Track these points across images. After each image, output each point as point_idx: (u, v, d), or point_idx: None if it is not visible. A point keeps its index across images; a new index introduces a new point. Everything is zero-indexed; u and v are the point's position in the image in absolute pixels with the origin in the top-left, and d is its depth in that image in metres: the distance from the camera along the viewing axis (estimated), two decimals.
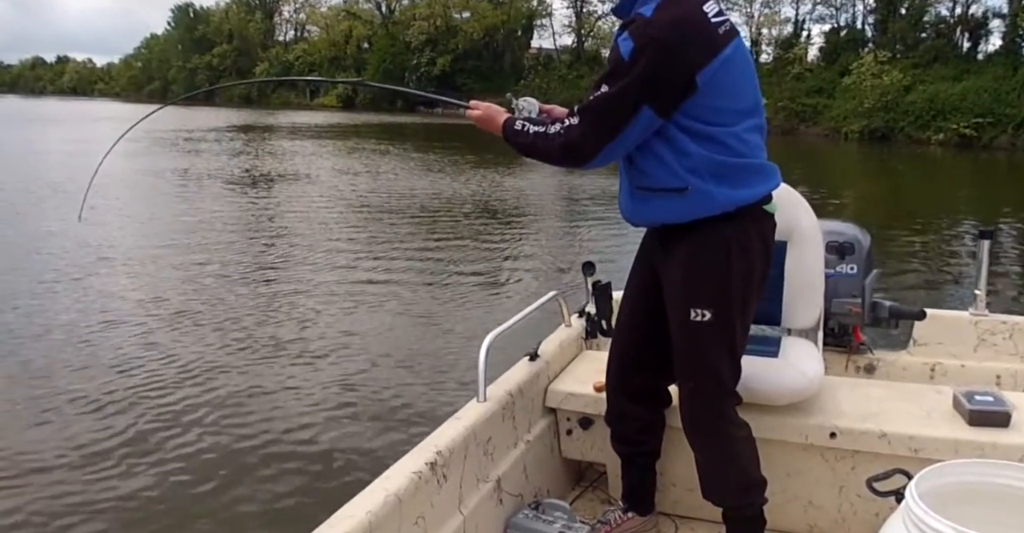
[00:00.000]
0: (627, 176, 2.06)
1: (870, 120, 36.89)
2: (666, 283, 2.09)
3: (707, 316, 1.98)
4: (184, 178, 15.91)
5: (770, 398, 2.31)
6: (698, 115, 1.89)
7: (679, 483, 2.45)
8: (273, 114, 51.48)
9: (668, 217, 2.01)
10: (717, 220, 1.95)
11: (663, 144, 1.92)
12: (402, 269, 8.11)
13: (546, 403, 2.59)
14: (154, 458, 3.94)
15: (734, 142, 1.93)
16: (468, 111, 2.17)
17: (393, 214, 11.64)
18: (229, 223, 10.83)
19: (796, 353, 2.42)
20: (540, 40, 64.82)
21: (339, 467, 3.89)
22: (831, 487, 2.33)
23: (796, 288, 2.50)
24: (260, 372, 5.16)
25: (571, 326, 2.95)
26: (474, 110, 2.15)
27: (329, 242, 9.64)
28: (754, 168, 1.99)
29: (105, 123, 31.32)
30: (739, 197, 1.95)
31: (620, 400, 2.32)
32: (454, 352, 5.51)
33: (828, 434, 2.28)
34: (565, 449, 2.66)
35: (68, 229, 9.79)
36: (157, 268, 7.99)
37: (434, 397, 4.76)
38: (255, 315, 6.43)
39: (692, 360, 2.06)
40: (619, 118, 1.86)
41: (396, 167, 18.44)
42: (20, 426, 4.29)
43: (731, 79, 1.91)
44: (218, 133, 30.51)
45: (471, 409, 2.19)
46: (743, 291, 2.01)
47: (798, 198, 2.52)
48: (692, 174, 1.92)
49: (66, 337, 5.75)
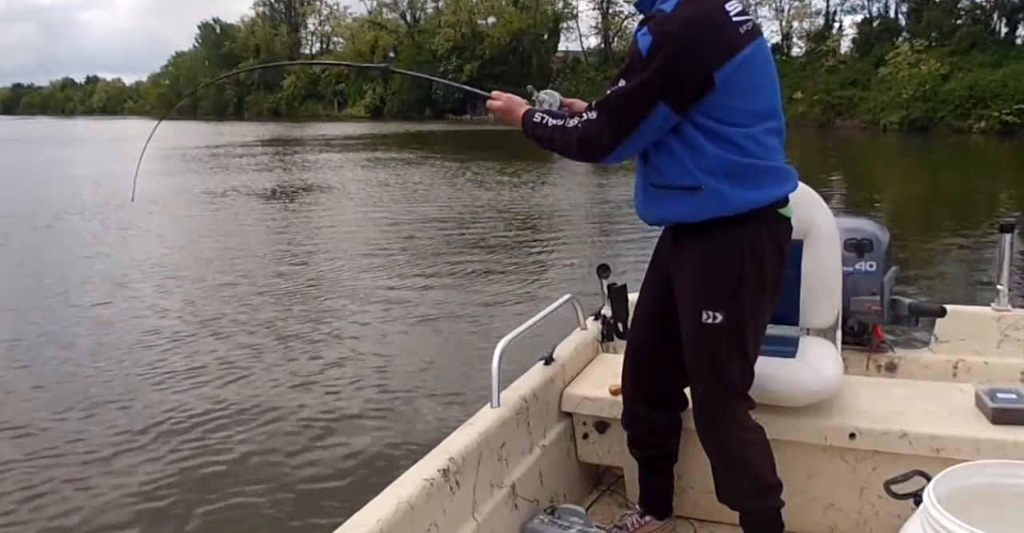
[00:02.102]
0: (642, 173, 2.06)
1: (908, 111, 36.24)
2: (678, 284, 2.09)
3: (718, 318, 1.97)
4: (214, 192, 16.15)
5: (788, 399, 2.29)
6: (714, 114, 1.88)
7: (697, 486, 2.43)
8: (301, 127, 52.13)
9: (680, 215, 2.01)
10: (730, 221, 1.94)
11: (678, 142, 1.92)
12: (422, 275, 8.20)
13: (561, 407, 2.59)
14: (167, 458, 4.05)
15: (749, 143, 1.92)
16: (489, 102, 2.19)
17: (418, 223, 11.70)
18: (259, 233, 11.02)
19: (814, 353, 2.39)
20: (567, 43, 64.98)
21: (352, 473, 3.92)
22: (851, 489, 2.30)
23: (813, 287, 2.47)
24: (280, 373, 5.27)
25: (587, 329, 2.95)
26: (495, 100, 2.18)
27: (355, 248, 9.78)
28: (769, 170, 1.97)
29: (139, 141, 31.99)
30: (752, 199, 1.93)
31: (636, 402, 2.32)
32: (470, 356, 5.54)
33: (848, 435, 2.25)
34: (581, 453, 2.65)
35: (104, 245, 10.05)
36: (189, 274, 8.21)
37: (449, 402, 4.78)
38: (280, 319, 6.58)
39: (703, 362, 2.05)
40: (636, 113, 1.86)
41: (424, 177, 18.52)
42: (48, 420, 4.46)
43: (750, 79, 1.90)
44: (248, 148, 30.96)
45: (485, 415, 2.20)
46: (755, 294, 1.99)
47: (814, 196, 2.49)
48: (706, 173, 1.91)
49: (101, 342, 5.95)
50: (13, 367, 5.53)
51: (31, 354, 5.79)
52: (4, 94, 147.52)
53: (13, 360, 5.69)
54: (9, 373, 5.41)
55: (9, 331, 6.36)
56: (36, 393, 5.03)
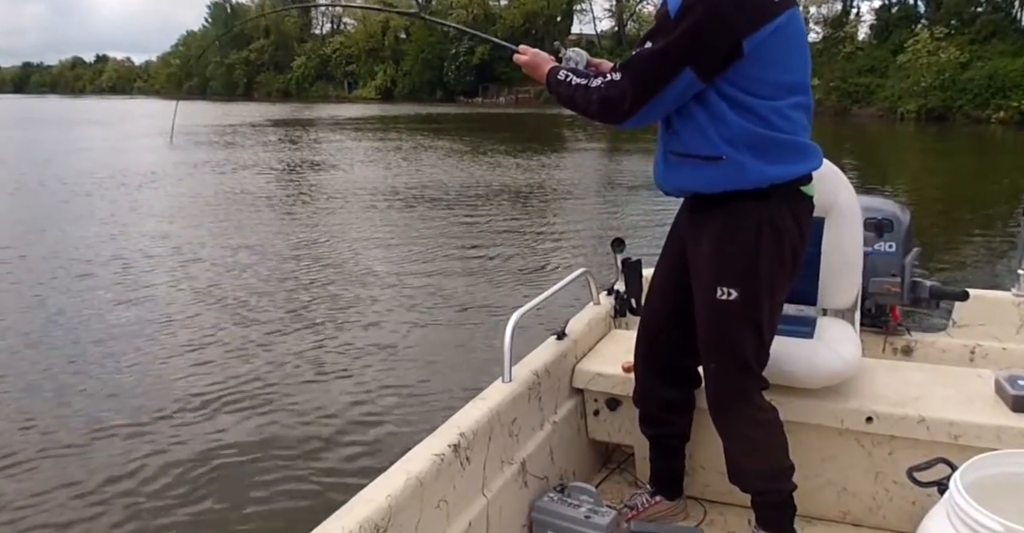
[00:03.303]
0: (663, 140, 2.02)
1: (926, 99, 35.83)
2: (693, 258, 2.04)
3: (733, 295, 1.93)
4: (223, 173, 16.13)
5: (804, 381, 2.24)
6: (741, 84, 1.83)
7: (708, 466, 2.40)
8: (311, 108, 52.02)
9: (698, 185, 1.96)
10: (749, 196, 1.89)
11: (701, 110, 1.87)
12: (435, 252, 8.18)
13: (573, 384, 2.56)
14: (185, 434, 4.05)
15: (775, 117, 1.86)
16: (516, 56, 2.17)
17: (430, 202, 11.69)
18: (269, 212, 10.99)
19: (832, 334, 2.34)
20: (580, 26, 64.53)
21: (361, 448, 3.92)
22: (866, 473, 2.26)
23: (833, 266, 2.41)
24: (288, 350, 5.27)
25: (600, 304, 2.91)
26: (522, 55, 2.16)
27: (366, 227, 9.77)
28: (793, 146, 1.91)
29: (146, 120, 31.88)
30: (774, 174, 1.88)
31: (648, 379, 2.28)
32: (483, 330, 5.53)
33: (864, 418, 2.21)
34: (592, 430, 2.62)
35: (118, 225, 10.05)
36: (197, 257, 8.16)
37: (461, 375, 4.77)
38: (289, 295, 6.59)
39: (716, 339, 2.01)
40: (660, 77, 1.81)
41: (435, 158, 18.45)
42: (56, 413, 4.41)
43: (780, 50, 1.84)
44: (258, 128, 30.91)
45: (496, 389, 2.16)
46: (772, 271, 1.95)
47: (836, 173, 2.42)
48: (727, 144, 1.86)
49: (107, 317, 5.92)
50: (26, 345, 5.54)
51: (37, 337, 5.78)
52: (14, 73, 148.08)
53: (27, 337, 5.70)
54: (24, 351, 5.42)
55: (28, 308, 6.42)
56: (38, 378, 5.02)
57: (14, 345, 5.48)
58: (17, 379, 4.89)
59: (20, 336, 5.68)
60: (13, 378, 4.91)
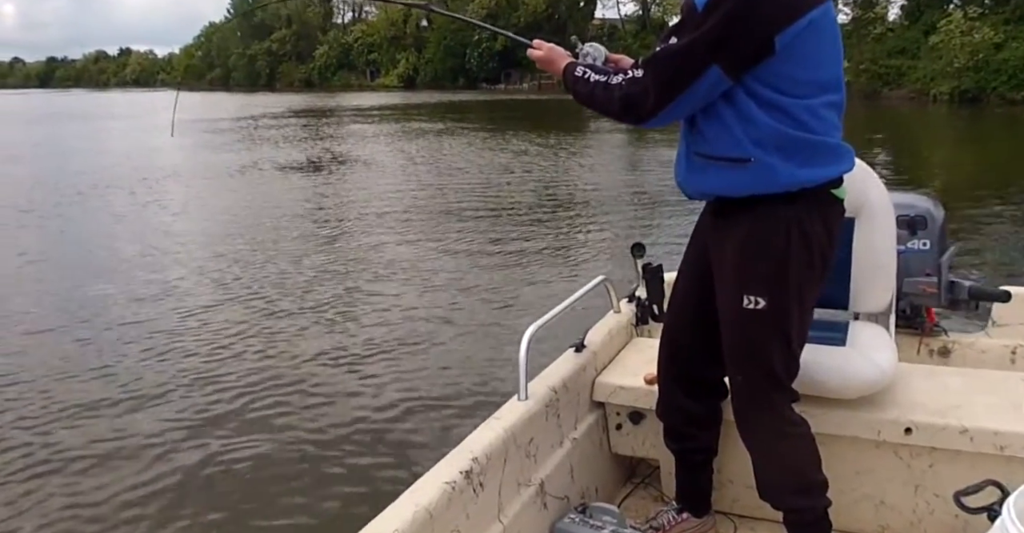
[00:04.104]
0: (686, 141, 1.91)
1: (960, 81, 34.97)
2: (717, 265, 1.94)
3: (760, 304, 1.83)
4: (246, 164, 16.18)
5: (838, 391, 2.14)
6: (771, 82, 1.73)
7: (738, 480, 2.30)
8: (334, 97, 52.04)
9: (724, 189, 1.85)
10: (777, 199, 1.79)
11: (729, 109, 1.76)
12: (449, 253, 7.97)
13: (593, 397, 2.46)
14: (191, 452, 3.87)
15: (807, 117, 1.76)
16: (529, 51, 2.07)
17: (448, 198, 11.48)
18: (290, 207, 10.97)
19: (866, 340, 2.23)
20: (603, 10, 64.07)
21: (369, 473, 3.67)
22: (905, 486, 2.15)
23: (866, 268, 2.30)
24: (304, 355, 5.11)
25: (620, 312, 2.81)
26: (536, 50, 2.05)
27: (383, 222, 9.67)
28: (825, 147, 1.81)
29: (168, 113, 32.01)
30: (804, 177, 1.78)
31: (671, 392, 2.18)
32: (497, 339, 5.30)
33: (903, 430, 2.10)
34: (614, 445, 2.53)
35: (136, 217, 10.10)
36: (216, 252, 8.13)
37: (475, 390, 4.52)
38: (307, 292, 6.49)
39: (743, 350, 1.91)
40: (685, 75, 1.71)
41: (455, 149, 18.27)
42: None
43: (813, 46, 1.73)
44: (281, 119, 31.02)
45: (511, 408, 2.07)
46: (801, 278, 1.84)
47: (867, 170, 2.31)
48: (756, 145, 1.76)
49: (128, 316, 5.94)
50: (43, 331, 5.58)
51: (60, 323, 5.83)
52: (39, 68, 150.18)
53: (51, 324, 5.75)
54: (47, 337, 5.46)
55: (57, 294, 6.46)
56: (55, 372, 5.02)
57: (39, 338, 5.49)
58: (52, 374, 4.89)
59: (49, 333, 5.68)
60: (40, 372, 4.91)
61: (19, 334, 5.65)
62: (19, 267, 7.71)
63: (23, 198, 11.90)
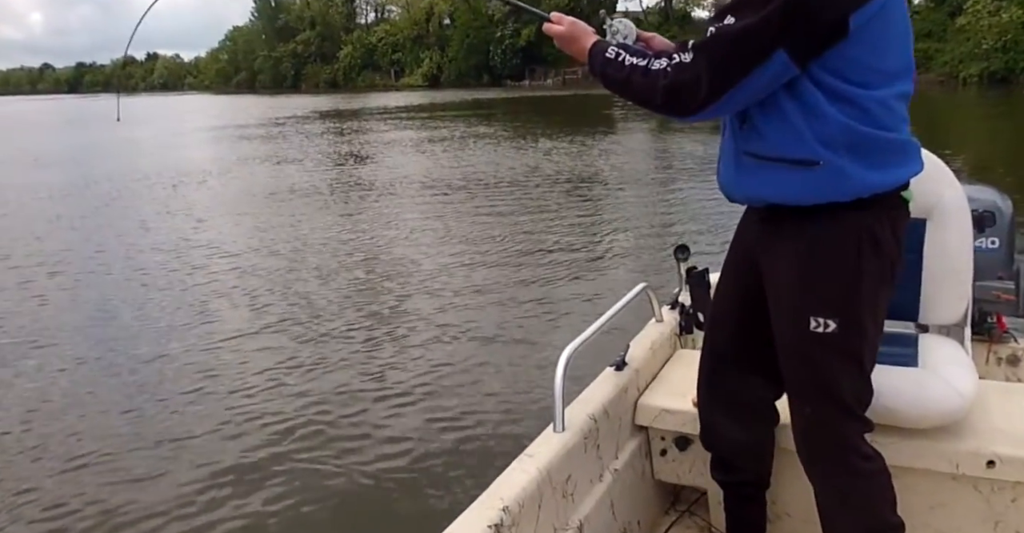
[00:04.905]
0: (734, 137, 1.67)
1: (989, 63, 34.14)
2: (773, 282, 1.72)
3: (831, 326, 1.62)
4: (274, 167, 16.18)
5: (911, 420, 1.92)
6: (840, 70, 1.51)
7: (795, 513, 2.10)
8: (359, 98, 51.98)
9: (782, 195, 1.63)
10: (846, 207, 1.58)
11: (792, 102, 1.54)
12: (485, 262, 7.65)
13: (636, 421, 2.27)
14: (208, 503, 3.55)
15: (879, 110, 1.54)
16: (547, 25, 1.78)
17: (480, 198, 11.30)
18: (315, 214, 10.88)
19: (940, 360, 2.01)
20: (626, 2, 63.26)
21: (389, 515, 3.36)
22: (983, 522, 1.95)
23: (938, 276, 2.07)
24: (330, 381, 4.75)
25: (662, 321, 2.62)
26: (556, 25, 1.75)
27: (413, 224, 9.54)
28: (897, 145, 1.60)
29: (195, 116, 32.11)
30: (877, 181, 1.57)
31: (714, 416, 1.97)
32: (529, 349, 5.00)
33: (985, 463, 1.89)
34: (658, 471, 2.34)
35: (162, 220, 10.10)
36: (240, 261, 8.02)
37: (507, 412, 4.14)
38: (336, 306, 6.26)
39: (810, 380, 1.70)
40: (746, 61, 1.48)
41: (484, 150, 17.90)
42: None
43: (886, 29, 1.52)
44: (306, 121, 31.06)
45: (546, 441, 1.88)
46: (875, 295, 1.64)
47: (939, 166, 2.07)
48: (824, 145, 1.54)
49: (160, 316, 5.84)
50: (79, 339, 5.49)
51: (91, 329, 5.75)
52: (68, 74, 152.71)
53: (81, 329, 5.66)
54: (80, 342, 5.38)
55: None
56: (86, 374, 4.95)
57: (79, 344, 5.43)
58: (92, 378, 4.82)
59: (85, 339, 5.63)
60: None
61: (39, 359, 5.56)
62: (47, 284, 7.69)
63: (51, 208, 11.98)
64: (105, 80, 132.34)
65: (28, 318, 6.28)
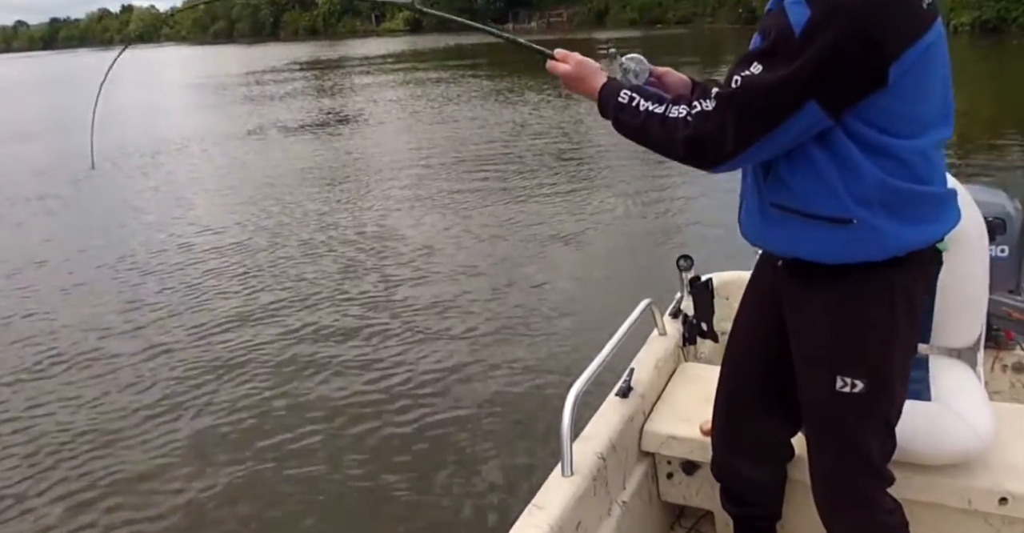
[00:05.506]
0: (758, 188, 1.56)
1: (981, 11, 33.45)
2: (797, 333, 1.64)
3: (859, 386, 1.55)
4: (252, 128, 15.78)
5: (926, 458, 1.88)
6: (876, 120, 1.39)
7: None
8: (338, 45, 50.49)
9: (813, 253, 1.53)
10: (880, 264, 1.49)
11: (825, 154, 1.43)
12: (476, 238, 7.24)
13: (642, 447, 2.23)
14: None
15: (918, 162, 1.44)
16: (550, 63, 1.66)
17: (461, 172, 10.43)
18: (299, 186, 10.59)
19: (954, 389, 1.97)
20: None
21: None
22: None
23: (953, 302, 1.99)
24: (319, 402, 4.33)
25: (666, 334, 2.57)
26: (561, 63, 1.65)
27: (391, 207, 9.25)
28: (935, 199, 1.49)
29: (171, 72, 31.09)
30: (913, 239, 1.48)
31: (730, 456, 1.94)
32: (524, 370, 4.45)
33: (998, 500, 1.85)
34: (664, 493, 2.31)
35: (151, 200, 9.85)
36: (222, 243, 7.74)
37: (514, 436, 3.71)
38: (328, 327, 5.36)
39: (833, 437, 1.65)
40: (775, 112, 1.37)
41: (471, 105, 17.19)
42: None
43: (927, 74, 1.40)
44: (284, 75, 30.28)
45: (555, 487, 1.82)
46: (905, 354, 1.58)
47: (960, 191, 1.99)
48: (859, 203, 1.43)
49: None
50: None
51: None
52: (42, 30, 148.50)
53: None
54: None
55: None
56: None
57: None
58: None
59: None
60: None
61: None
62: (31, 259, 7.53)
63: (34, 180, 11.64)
64: (80, 34, 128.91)
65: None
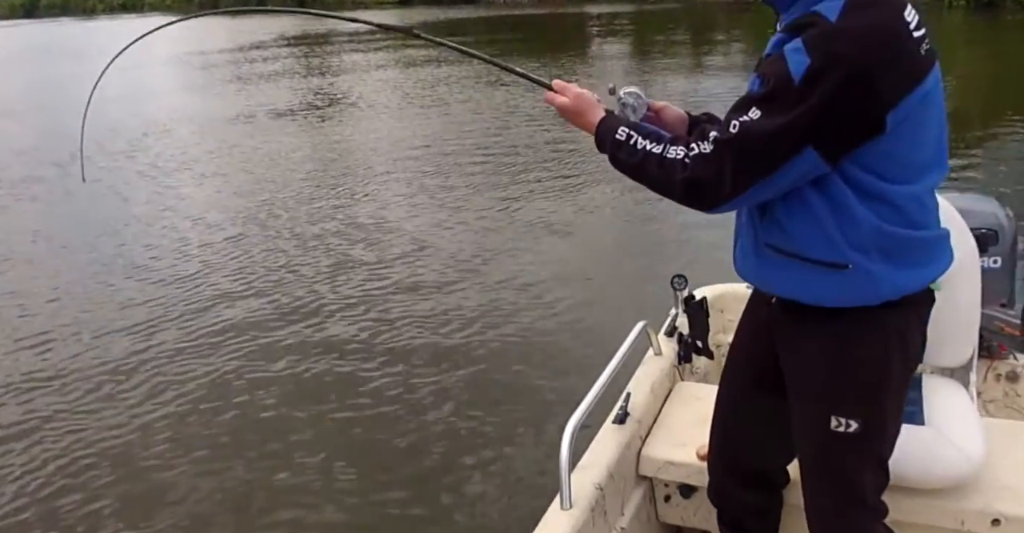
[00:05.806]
0: (753, 228, 1.59)
1: None
2: (791, 372, 1.68)
3: (853, 427, 1.58)
4: (239, 113, 15.57)
5: (919, 482, 1.93)
6: (872, 166, 1.42)
7: None
8: (327, 19, 49.53)
9: (810, 296, 1.56)
10: (875, 308, 1.52)
11: (821, 199, 1.45)
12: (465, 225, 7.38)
13: (639, 471, 2.27)
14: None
15: (913, 207, 1.47)
16: (548, 95, 1.66)
17: (461, 158, 10.30)
18: (286, 163, 10.56)
19: (946, 413, 2.01)
20: None
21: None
22: None
23: (945, 326, 1.98)
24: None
25: (661, 354, 2.60)
26: (559, 96, 1.65)
27: (388, 178, 9.26)
28: (929, 243, 1.53)
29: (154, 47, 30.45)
30: (907, 284, 1.51)
31: (726, 483, 1.99)
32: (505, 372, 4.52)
33: (990, 521, 1.90)
34: (662, 514, 2.36)
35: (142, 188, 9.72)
36: (211, 229, 7.81)
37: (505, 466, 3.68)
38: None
39: (828, 475, 1.69)
40: (773, 158, 1.40)
41: (463, 87, 16.94)
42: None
43: (923, 120, 1.43)
44: (270, 51, 29.87)
45: (555, 521, 1.84)
46: (900, 394, 1.61)
47: (955, 218, 2.01)
48: (855, 248, 1.46)
49: None
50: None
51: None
52: None
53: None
54: None
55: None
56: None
57: None
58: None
59: None
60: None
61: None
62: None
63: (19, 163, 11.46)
64: (62, 3, 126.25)
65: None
